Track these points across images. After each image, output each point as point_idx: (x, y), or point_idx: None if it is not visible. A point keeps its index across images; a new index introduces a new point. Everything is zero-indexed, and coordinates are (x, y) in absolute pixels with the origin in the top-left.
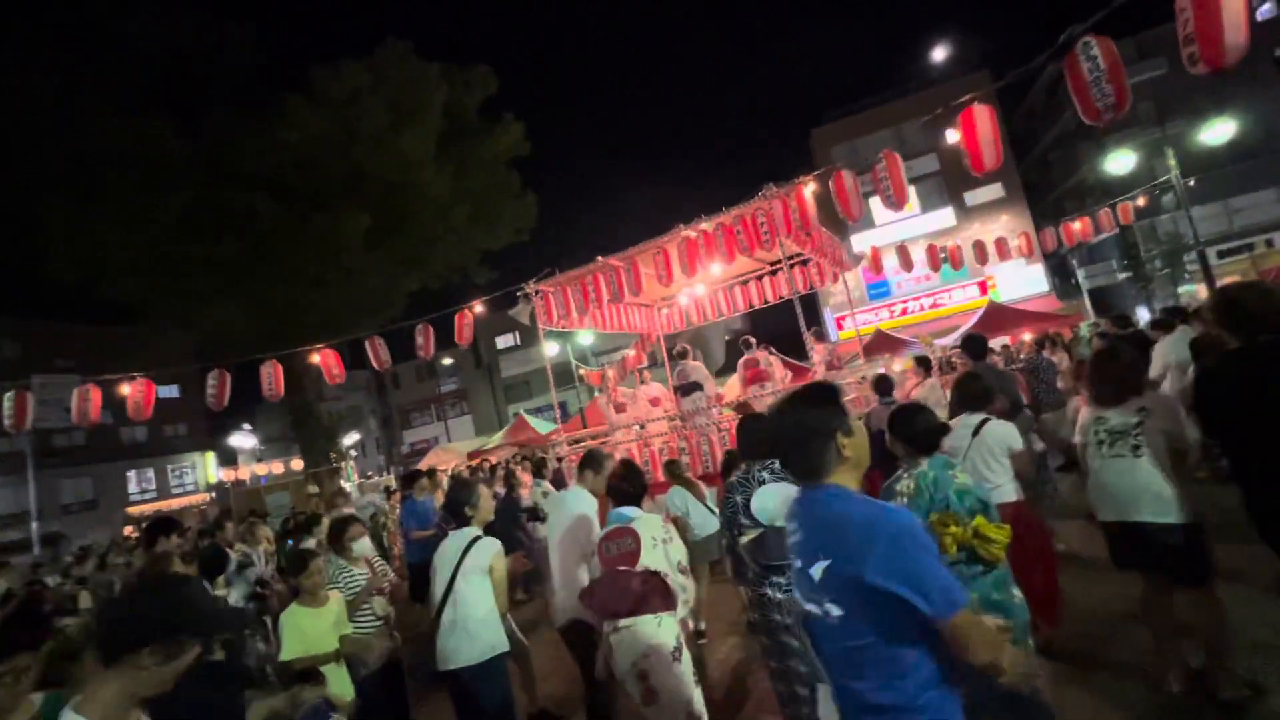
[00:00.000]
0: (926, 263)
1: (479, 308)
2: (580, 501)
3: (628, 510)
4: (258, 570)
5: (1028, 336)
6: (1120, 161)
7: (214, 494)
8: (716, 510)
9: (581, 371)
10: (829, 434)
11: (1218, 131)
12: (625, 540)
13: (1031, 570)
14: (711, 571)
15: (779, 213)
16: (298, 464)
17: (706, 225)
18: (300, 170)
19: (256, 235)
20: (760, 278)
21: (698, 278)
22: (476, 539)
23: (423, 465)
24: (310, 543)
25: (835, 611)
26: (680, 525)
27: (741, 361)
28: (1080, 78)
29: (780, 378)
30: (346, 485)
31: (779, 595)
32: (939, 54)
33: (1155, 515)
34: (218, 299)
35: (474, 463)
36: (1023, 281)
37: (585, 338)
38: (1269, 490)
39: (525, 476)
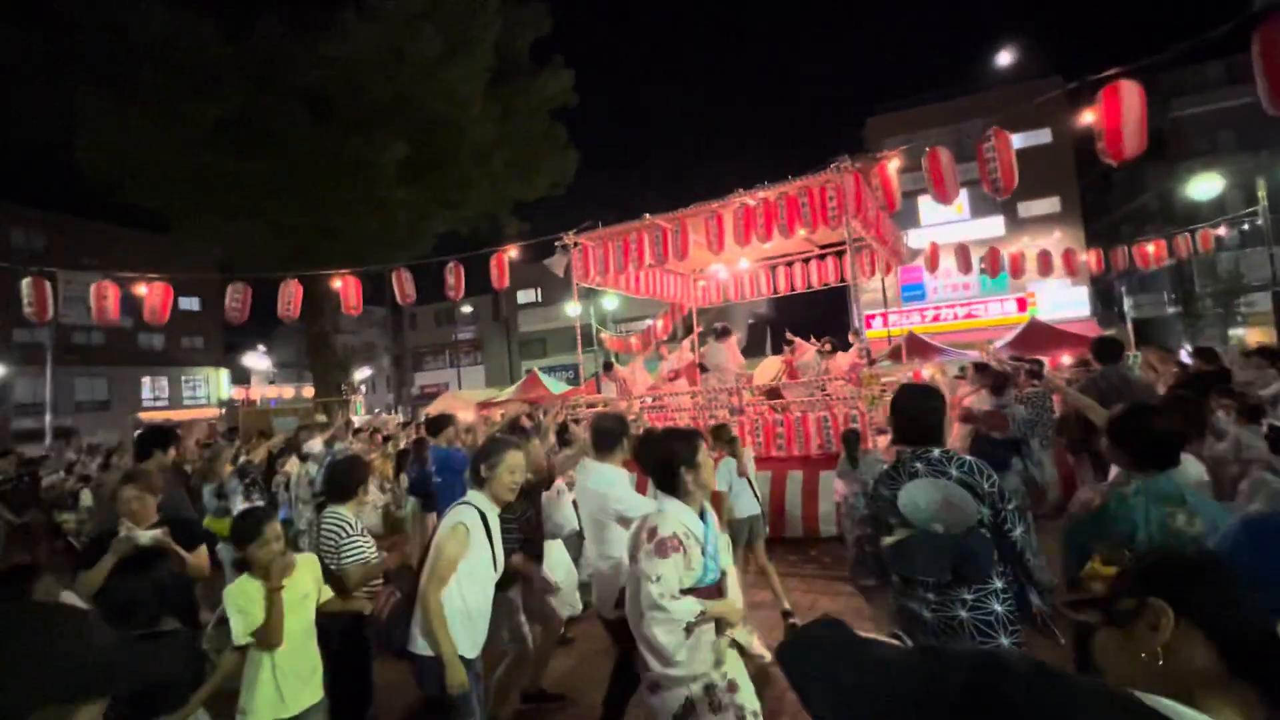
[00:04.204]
0: (985, 268)
1: (514, 252)
2: (601, 478)
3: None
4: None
5: (1066, 359)
6: (1205, 186)
7: (224, 410)
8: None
9: (603, 335)
10: None
11: None
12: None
13: None
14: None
15: (850, 188)
16: (309, 391)
17: (769, 193)
18: (344, 89)
19: (291, 153)
20: (808, 260)
21: (746, 250)
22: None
23: (431, 410)
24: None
25: None
26: (719, 503)
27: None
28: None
29: (818, 368)
30: (355, 419)
31: (927, 614)
32: (1004, 58)
33: None
34: (244, 215)
35: (485, 414)
36: (1063, 302)
37: (609, 302)
38: None
39: None
